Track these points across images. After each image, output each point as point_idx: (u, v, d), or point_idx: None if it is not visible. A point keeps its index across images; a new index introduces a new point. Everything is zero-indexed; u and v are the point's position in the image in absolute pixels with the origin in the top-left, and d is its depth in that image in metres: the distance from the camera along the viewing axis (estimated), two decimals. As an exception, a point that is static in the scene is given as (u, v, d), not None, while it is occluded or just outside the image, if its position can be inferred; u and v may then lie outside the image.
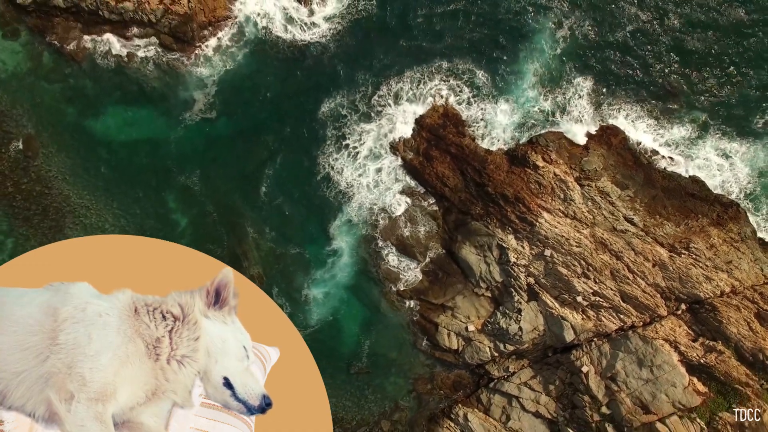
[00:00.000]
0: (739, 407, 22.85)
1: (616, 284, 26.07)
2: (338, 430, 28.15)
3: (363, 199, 28.58)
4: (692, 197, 27.83)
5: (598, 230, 26.55)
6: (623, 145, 28.58)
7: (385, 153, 28.91)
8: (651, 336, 25.11)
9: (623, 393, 24.91)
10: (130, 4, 27.31)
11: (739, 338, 24.07)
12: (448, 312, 27.58)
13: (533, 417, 26.88)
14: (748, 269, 26.01)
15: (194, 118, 28.76)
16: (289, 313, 28.11)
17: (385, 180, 28.79)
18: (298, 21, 29.05)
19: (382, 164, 28.76)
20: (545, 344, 27.18)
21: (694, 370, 24.30)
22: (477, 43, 29.74)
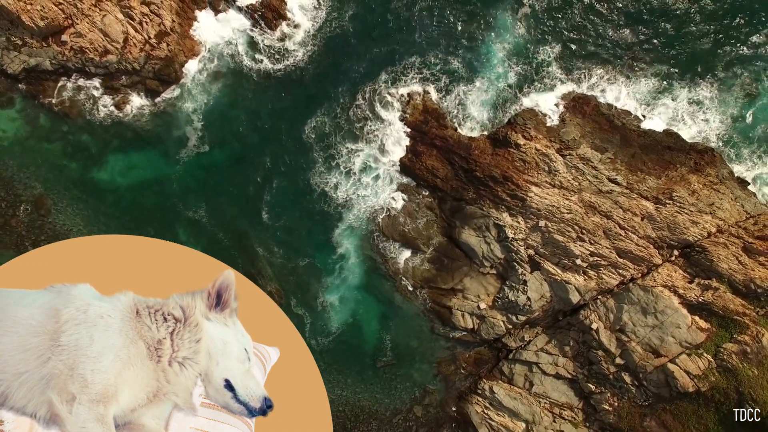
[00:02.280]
0: (740, 336, 24.46)
1: (610, 242, 27.66)
2: (374, 422, 29.70)
3: (361, 206, 30.06)
4: (669, 149, 29.42)
5: (586, 195, 28.13)
6: (596, 111, 30.15)
7: (378, 164, 30.22)
8: (650, 285, 26.70)
9: (633, 342, 26.49)
10: (113, 57, 28.79)
11: (731, 273, 25.68)
12: (459, 294, 29.16)
13: (554, 379, 28.45)
14: (730, 208, 27.63)
15: (190, 153, 30.22)
16: (310, 322, 29.73)
17: (380, 185, 30.20)
18: (270, 49, 30.36)
19: (378, 172, 30.12)
20: (554, 309, 28.75)
21: (694, 310, 25.91)
22: (444, 33, 31.04)
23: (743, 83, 30.57)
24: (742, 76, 30.50)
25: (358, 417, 29.53)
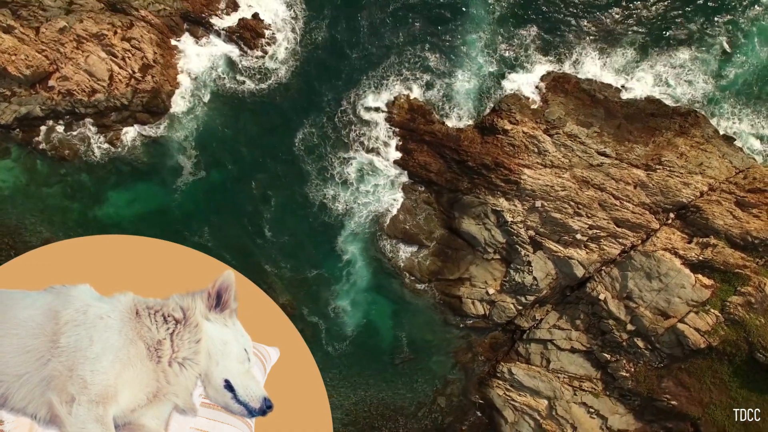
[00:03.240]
0: (743, 288, 25.10)
1: (607, 213, 28.29)
2: (401, 418, 30.29)
3: (362, 212, 30.61)
4: (652, 116, 30.06)
5: (577, 170, 28.76)
6: (577, 87, 30.77)
7: (374, 170, 30.61)
8: (651, 250, 27.33)
9: (641, 307, 27.12)
10: (101, 95, 29.36)
11: (727, 228, 26.33)
12: (467, 283, 29.77)
13: (570, 353, 29.07)
14: (719, 165, 28.27)
15: (187, 180, 30.77)
16: (325, 328, 30.30)
17: (381, 191, 30.67)
18: (252, 69, 30.87)
19: (378, 179, 30.58)
20: (561, 286, 29.37)
21: (696, 268, 26.54)
22: (421, 31, 31.46)
23: (720, 41, 31.20)
24: (718, 34, 31.11)
25: (383, 415, 30.12)
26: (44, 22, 28.77)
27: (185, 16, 30.59)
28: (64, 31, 28.84)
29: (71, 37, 28.95)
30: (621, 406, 27.89)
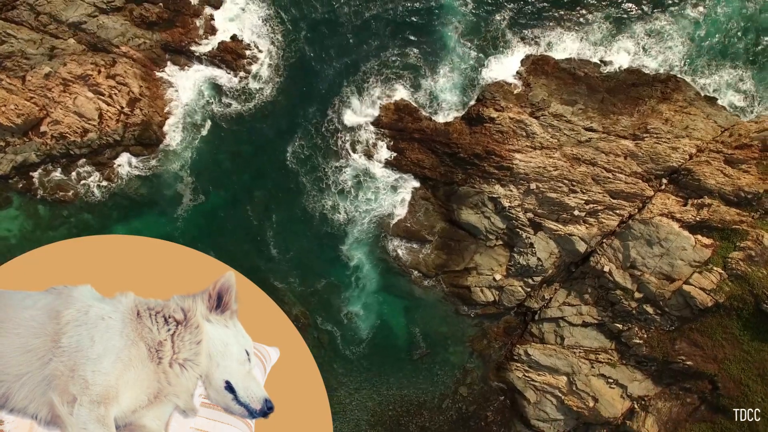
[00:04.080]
0: (742, 242, 25.62)
1: (601, 187, 28.80)
2: (425, 412, 30.81)
3: (364, 219, 31.07)
4: (634, 86, 30.59)
5: (567, 149, 29.27)
6: (557, 68, 31.28)
7: (368, 177, 31.00)
8: (648, 217, 27.85)
9: (646, 274, 27.63)
10: (93, 134, 29.86)
11: (719, 187, 26.84)
12: (473, 272, 30.29)
13: (582, 328, 29.58)
14: (704, 127, 28.79)
15: (187, 207, 31.28)
16: (341, 334, 30.79)
17: (382, 196, 31.05)
18: (238, 91, 31.35)
19: (375, 185, 31.06)
20: (565, 263, 29.89)
21: (695, 229, 27.05)
22: (397, 31, 31.94)
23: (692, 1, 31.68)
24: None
25: (408, 411, 30.64)
26: (29, 70, 29.28)
27: (166, 47, 31.10)
28: (49, 77, 29.35)
29: (57, 81, 29.46)
30: (639, 373, 28.40)
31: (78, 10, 29.79)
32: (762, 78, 31.19)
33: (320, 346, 30.78)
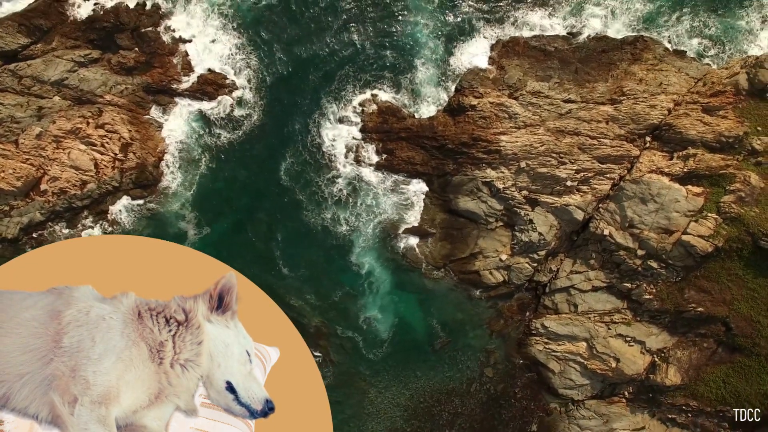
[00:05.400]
0: (731, 186, 26.49)
1: (588, 155, 29.65)
2: (456, 399, 31.62)
3: (365, 223, 31.84)
4: (604, 52, 31.45)
5: (550, 123, 30.11)
6: (527, 46, 32.13)
7: (361, 183, 31.78)
8: (638, 176, 28.70)
9: (645, 231, 28.48)
10: (92, 185, 30.65)
11: (701, 136, 27.70)
12: (479, 256, 31.12)
13: (593, 293, 30.41)
14: (677, 81, 29.64)
15: (194, 240, 32.02)
16: (362, 339, 31.57)
17: (381, 200, 31.81)
18: (224, 120, 32.09)
19: (375, 190, 31.65)
20: (566, 233, 30.73)
21: (684, 181, 27.91)
22: (367, 36, 32.55)
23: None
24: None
25: (439, 400, 31.47)
26: (21, 133, 30.07)
27: (148, 89, 31.89)
28: (41, 136, 30.14)
29: (49, 139, 30.25)
30: (654, 327, 29.24)
31: (58, 68, 30.57)
32: (724, 21, 32.06)
33: (344, 353, 31.57)
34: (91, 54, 31.38)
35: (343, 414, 31.07)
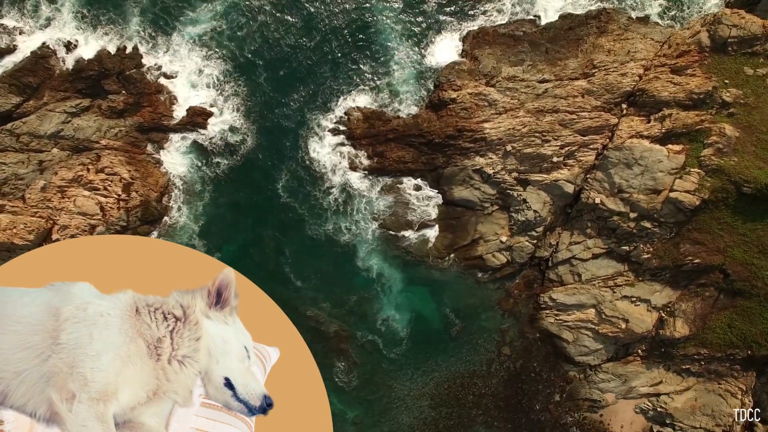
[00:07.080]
0: (708, 139, 27.68)
1: (569, 129, 30.84)
2: (478, 381, 32.76)
3: (366, 227, 32.94)
4: (570, 30, 32.65)
5: (529, 105, 31.29)
6: (497, 35, 33.31)
7: (360, 189, 32.85)
8: (620, 143, 29.89)
9: (634, 194, 29.67)
10: (102, 228, 31.72)
11: (673, 96, 28.92)
12: (480, 241, 32.30)
13: (594, 260, 31.59)
14: (644, 47, 30.84)
15: (205, 265, 33.13)
16: (381, 340, 32.64)
17: (379, 202, 32.86)
18: (219, 147, 33.17)
19: (368, 195, 32.77)
20: (560, 207, 31.92)
21: (664, 141, 29.12)
22: (341, 49, 33.76)
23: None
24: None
25: (462, 385, 32.62)
26: (26, 188, 31.21)
27: (141, 129, 33.04)
28: (45, 189, 31.27)
29: (54, 190, 31.39)
30: (656, 284, 30.42)
31: (52, 122, 31.72)
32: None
33: (366, 353, 32.66)
34: (82, 103, 32.52)
35: (373, 411, 32.22)
